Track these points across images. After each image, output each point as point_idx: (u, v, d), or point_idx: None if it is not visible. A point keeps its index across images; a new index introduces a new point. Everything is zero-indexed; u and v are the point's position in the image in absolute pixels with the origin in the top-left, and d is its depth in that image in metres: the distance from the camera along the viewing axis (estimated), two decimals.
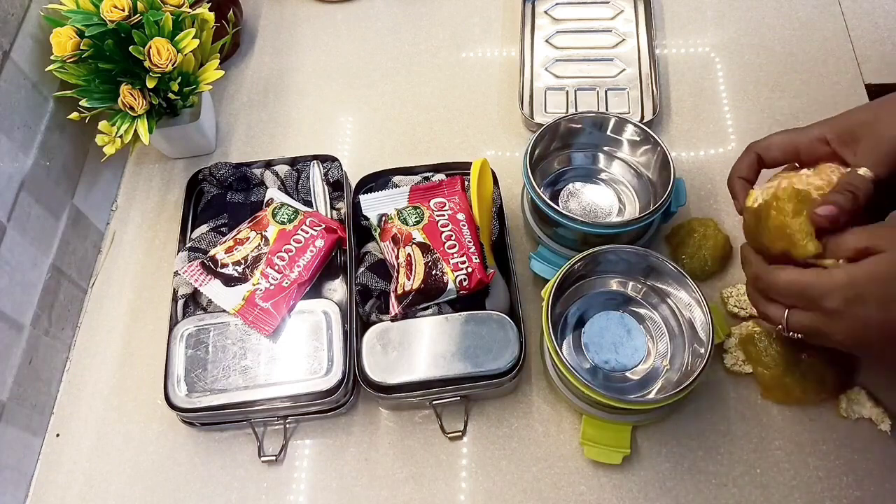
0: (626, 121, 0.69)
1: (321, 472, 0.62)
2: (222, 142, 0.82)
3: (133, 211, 0.78)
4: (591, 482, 0.60)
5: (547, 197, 0.65)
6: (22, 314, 0.63)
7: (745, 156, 0.56)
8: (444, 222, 0.65)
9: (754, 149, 0.56)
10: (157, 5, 0.67)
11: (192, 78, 0.71)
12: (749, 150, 0.56)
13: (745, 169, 0.56)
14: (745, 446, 0.61)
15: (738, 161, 0.57)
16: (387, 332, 0.61)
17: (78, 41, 0.64)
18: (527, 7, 0.88)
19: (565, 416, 0.63)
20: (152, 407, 0.65)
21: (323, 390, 0.60)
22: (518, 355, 0.60)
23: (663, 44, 0.86)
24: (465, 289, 0.62)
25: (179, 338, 0.62)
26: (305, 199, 0.72)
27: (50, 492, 0.63)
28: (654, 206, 0.63)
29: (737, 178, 0.56)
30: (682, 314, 0.62)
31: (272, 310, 0.63)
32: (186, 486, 0.62)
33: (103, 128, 0.67)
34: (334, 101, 0.85)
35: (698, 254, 0.67)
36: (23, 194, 0.64)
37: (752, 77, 0.82)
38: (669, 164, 0.65)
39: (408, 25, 0.90)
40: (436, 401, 0.61)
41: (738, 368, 0.63)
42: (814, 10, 0.86)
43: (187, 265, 0.65)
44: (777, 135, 0.55)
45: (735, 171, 0.57)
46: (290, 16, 0.92)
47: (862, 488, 0.58)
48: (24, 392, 0.62)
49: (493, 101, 0.83)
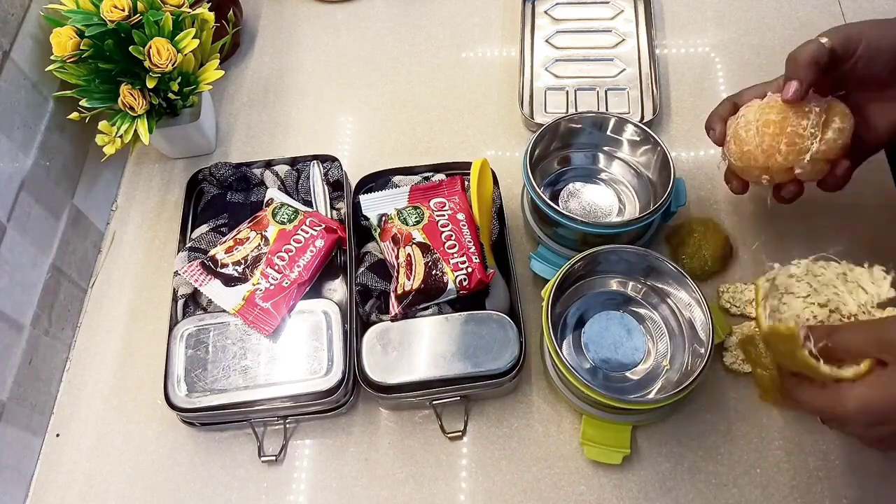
0: (626, 121, 0.69)
1: (321, 472, 0.62)
2: (222, 142, 0.82)
3: (133, 211, 0.78)
4: (591, 482, 0.60)
5: (547, 197, 0.65)
6: (22, 314, 0.63)
7: (722, 104, 0.62)
8: (444, 222, 0.65)
9: (731, 98, 0.61)
10: (157, 5, 0.67)
11: (192, 78, 0.71)
12: (726, 99, 0.62)
13: (721, 111, 0.61)
14: (745, 446, 0.61)
15: (717, 108, 0.62)
16: (387, 332, 0.61)
17: (78, 41, 0.64)
18: (527, 7, 0.88)
19: (565, 416, 0.63)
20: (152, 407, 0.65)
21: (323, 390, 0.60)
22: (518, 355, 0.60)
23: (663, 44, 0.86)
24: (465, 289, 0.62)
25: (179, 338, 0.62)
26: (305, 199, 0.72)
27: (50, 492, 0.63)
28: (654, 206, 0.63)
29: (715, 115, 0.62)
30: (682, 314, 0.62)
31: (272, 310, 0.63)
32: (186, 486, 0.62)
33: (103, 128, 0.67)
34: (334, 101, 0.85)
35: (698, 254, 0.67)
36: (23, 194, 0.64)
37: (752, 77, 0.81)
38: (669, 164, 0.65)
39: (408, 25, 0.90)
40: (436, 401, 0.61)
41: (738, 367, 0.63)
42: (814, 10, 0.86)
43: (187, 265, 0.65)
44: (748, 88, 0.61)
45: (713, 113, 0.62)
46: (290, 16, 0.92)
47: (862, 488, 0.58)
48: (24, 392, 0.62)
49: (493, 101, 0.83)
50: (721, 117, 0.61)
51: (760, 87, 0.60)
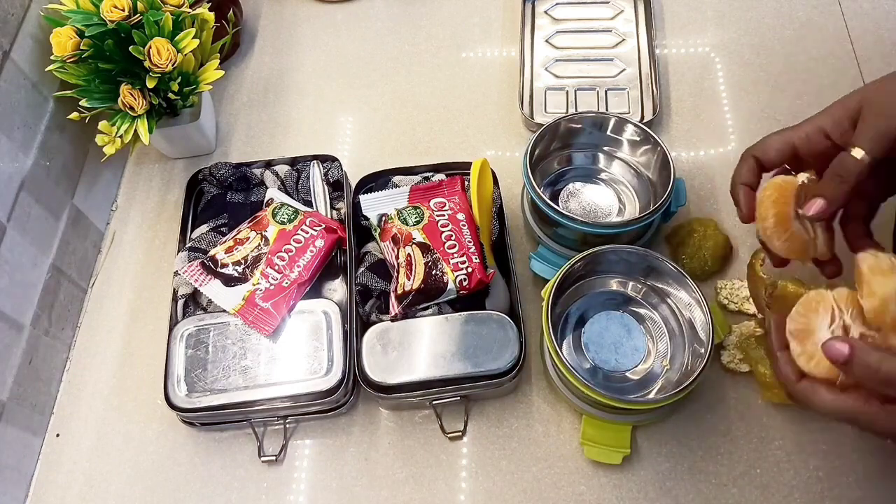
0: (626, 121, 0.69)
1: (321, 472, 0.62)
2: (222, 142, 0.82)
3: (133, 211, 0.78)
4: (591, 482, 0.60)
5: (547, 197, 0.65)
6: (22, 314, 0.63)
7: (743, 162, 0.56)
8: (444, 222, 0.65)
9: (752, 153, 0.55)
10: (157, 5, 0.67)
11: (192, 78, 0.71)
12: (746, 156, 0.55)
13: (745, 174, 0.55)
14: (745, 446, 0.61)
15: (738, 168, 0.56)
16: (387, 332, 0.61)
17: (78, 41, 0.64)
18: (527, 7, 0.88)
19: (565, 416, 0.63)
20: (152, 407, 0.65)
21: (323, 390, 0.60)
22: (518, 355, 0.60)
23: (663, 44, 0.86)
24: (465, 289, 0.62)
25: (179, 338, 0.62)
26: (305, 199, 0.72)
27: (50, 492, 0.63)
28: (654, 206, 0.63)
29: (739, 185, 0.55)
30: (681, 314, 0.62)
31: (272, 310, 0.63)
32: (186, 486, 0.62)
33: (103, 128, 0.67)
34: (334, 101, 0.85)
35: (698, 254, 0.67)
36: (23, 194, 0.64)
37: (752, 77, 0.82)
38: (669, 164, 0.65)
39: (408, 25, 0.90)
40: (436, 401, 0.61)
41: (735, 366, 0.63)
42: (814, 10, 0.86)
43: (187, 265, 0.65)
44: (772, 136, 0.54)
45: (736, 177, 0.56)
46: (290, 16, 0.92)
47: (862, 488, 0.58)
48: (24, 392, 0.62)
49: (493, 101, 0.83)
50: (747, 184, 0.55)
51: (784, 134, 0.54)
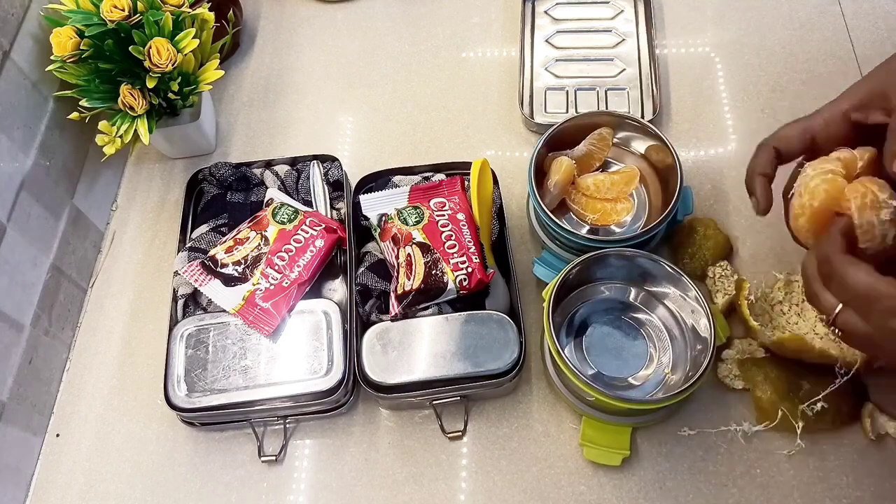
0: (640, 124, 0.68)
1: (321, 472, 0.62)
2: (222, 142, 0.82)
3: (133, 211, 0.78)
4: (591, 482, 0.60)
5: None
6: (22, 314, 0.63)
7: (762, 153, 0.53)
8: (444, 222, 0.65)
9: (771, 143, 0.53)
10: (157, 5, 0.67)
11: (192, 78, 0.71)
12: (764, 146, 0.53)
13: (764, 165, 0.53)
14: (745, 446, 0.61)
15: (756, 158, 0.54)
16: (387, 332, 0.61)
17: (78, 41, 0.64)
18: (527, 7, 0.88)
19: (565, 417, 0.63)
20: (152, 407, 0.65)
21: (323, 390, 0.60)
22: (518, 355, 0.60)
23: (663, 44, 0.86)
24: (465, 289, 0.62)
25: (179, 338, 0.62)
26: (305, 199, 0.72)
27: (50, 492, 0.63)
28: (662, 215, 0.62)
29: (757, 175, 0.53)
30: (682, 317, 0.62)
31: (272, 310, 0.63)
32: (186, 486, 0.62)
33: (103, 128, 0.67)
34: (334, 101, 0.85)
35: (699, 254, 0.67)
36: (23, 194, 0.64)
37: (752, 77, 0.82)
38: (678, 171, 0.64)
39: (408, 25, 0.90)
40: (436, 401, 0.61)
41: (729, 382, 0.62)
42: (814, 10, 0.86)
43: (187, 265, 0.65)
44: (790, 126, 0.53)
45: (754, 167, 0.53)
46: (290, 16, 0.92)
47: (862, 488, 0.58)
48: (24, 392, 0.62)
49: (493, 101, 0.83)
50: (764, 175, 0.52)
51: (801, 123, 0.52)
